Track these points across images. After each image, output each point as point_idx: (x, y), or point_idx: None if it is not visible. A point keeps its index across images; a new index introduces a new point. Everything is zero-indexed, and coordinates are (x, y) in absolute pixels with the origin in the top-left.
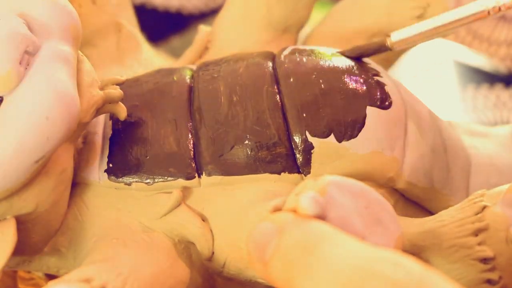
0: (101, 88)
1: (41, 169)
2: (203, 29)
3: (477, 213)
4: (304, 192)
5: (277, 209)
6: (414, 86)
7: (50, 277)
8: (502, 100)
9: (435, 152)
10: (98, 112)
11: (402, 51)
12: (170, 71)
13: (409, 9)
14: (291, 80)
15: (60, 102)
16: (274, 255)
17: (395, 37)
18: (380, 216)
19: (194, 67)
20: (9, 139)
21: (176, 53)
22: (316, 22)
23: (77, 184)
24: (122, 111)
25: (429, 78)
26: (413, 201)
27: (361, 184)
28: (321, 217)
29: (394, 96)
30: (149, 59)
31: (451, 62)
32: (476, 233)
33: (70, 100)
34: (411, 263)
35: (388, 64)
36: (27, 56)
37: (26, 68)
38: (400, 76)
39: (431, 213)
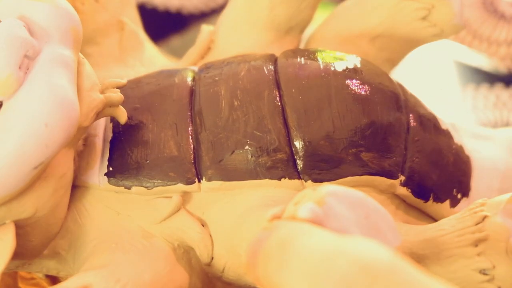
0: (102, 92)
1: (40, 174)
2: (205, 29)
3: (477, 223)
4: (302, 202)
5: (276, 218)
6: (413, 86)
7: (51, 277)
8: (502, 100)
9: None
10: (98, 115)
11: (408, 50)
12: (171, 73)
13: (413, 10)
14: (292, 84)
15: (59, 109)
16: (259, 257)
17: None
18: (379, 226)
19: (196, 68)
20: (8, 146)
21: (176, 53)
22: (318, 23)
23: (77, 187)
24: (122, 115)
25: (429, 78)
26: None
27: (360, 193)
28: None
29: None
30: (151, 58)
31: (451, 62)
32: (476, 243)
33: (70, 106)
34: (380, 247)
35: (392, 65)
36: (27, 60)
37: (26, 73)
38: (401, 77)
39: (433, 217)
